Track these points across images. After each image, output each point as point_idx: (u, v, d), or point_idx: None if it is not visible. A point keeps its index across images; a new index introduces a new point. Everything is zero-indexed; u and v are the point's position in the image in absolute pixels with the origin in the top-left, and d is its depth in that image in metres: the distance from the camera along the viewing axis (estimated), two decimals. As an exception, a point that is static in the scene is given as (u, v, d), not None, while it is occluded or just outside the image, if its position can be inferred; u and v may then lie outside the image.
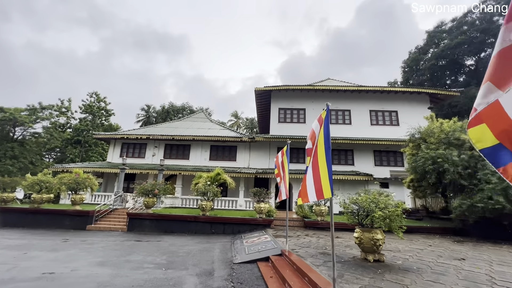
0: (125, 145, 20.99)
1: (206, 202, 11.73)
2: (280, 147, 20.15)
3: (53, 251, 7.13)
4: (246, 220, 11.39)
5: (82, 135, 35.00)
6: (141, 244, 8.58)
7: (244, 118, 54.21)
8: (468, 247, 8.12)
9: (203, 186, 12.06)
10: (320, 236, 9.16)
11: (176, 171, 17.77)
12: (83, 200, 12.71)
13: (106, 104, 38.75)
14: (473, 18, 28.70)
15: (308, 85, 20.51)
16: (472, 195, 9.86)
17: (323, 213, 11.43)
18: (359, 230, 5.55)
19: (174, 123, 25.00)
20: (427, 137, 12.75)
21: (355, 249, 6.81)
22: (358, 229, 5.56)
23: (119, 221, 12.46)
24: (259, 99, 22.14)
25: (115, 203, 14.09)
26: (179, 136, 19.74)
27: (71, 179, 12.19)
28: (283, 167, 6.97)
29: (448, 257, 6.30)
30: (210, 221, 11.48)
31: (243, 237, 9.69)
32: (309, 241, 7.97)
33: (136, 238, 9.75)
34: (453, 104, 25.93)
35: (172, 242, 8.96)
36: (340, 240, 8.38)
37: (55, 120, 35.25)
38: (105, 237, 9.66)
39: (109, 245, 8.17)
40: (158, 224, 11.60)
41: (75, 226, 11.70)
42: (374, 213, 5.14)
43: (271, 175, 17.55)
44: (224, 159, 20.32)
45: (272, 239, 8.26)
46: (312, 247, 6.93)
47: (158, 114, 50.07)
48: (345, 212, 6.00)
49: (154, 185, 12.17)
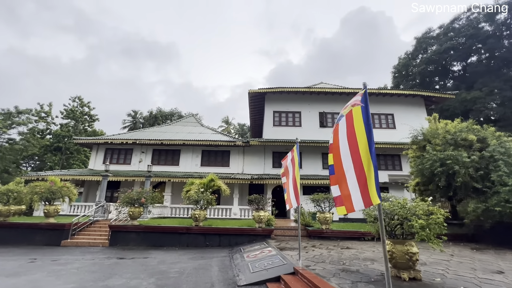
0: (109, 151, 19.46)
1: (199, 211, 10.57)
2: (276, 152, 19.29)
3: (13, 276, 5.80)
4: (244, 231, 10.30)
5: (63, 142, 32.84)
6: (124, 262, 7.33)
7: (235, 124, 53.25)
8: (492, 255, 7.39)
9: (196, 194, 10.92)
10: (329, 247, 8.21)
11: (165, 177, 16.47)
12: (58, 211, 11.23)
13: (90, 109, 36.82)
14: (460, 25, 29.36)
15: (304, 87, 19.89)
16: (487, 198, 9.26)
17: (328, 221, 10.52)
18: (389, 242, 4.65)
19: (163, 128, 23.69)
20: (431, 138, 12.21)
21: (377, 263, 5.90)
22: (389, 241, 4.66)
23: (100, 234, 11.05)
24: (253, 102, 21.31)
25: (96, 214, 12.64)
26: (168, 141, 18.47)
27: (43, 188, 10.73)
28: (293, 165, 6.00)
29: (484, 270, 5.50)
30: (204, 233, 10.31)
31: (242, 250, 8.59)
32: (321, 254, 7.00)
33: (119, 254, 8.45)
34: (444, 108, 26.05)
35: (162, 259, 7.75)
36: (353, 252, 7.46)
37: (34, 126, 32.98)
38: (82, 255, 8.30)
39: (86, 265, 6.87)
40: (145, 237, 10.30)
41: (48, 241, 10.20)
42: (412, 222, 4.26)
43: (267, 180, 16.57)
44: (217, 165, 19.18)
45: (277, 252, 7.24)
46: (327, 262, 5.96)
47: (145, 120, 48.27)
48: (369, 220, 5.11)
49: (140, 193, 10.91)
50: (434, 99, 20.63)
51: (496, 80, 24.33)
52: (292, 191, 5.82)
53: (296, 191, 5.68)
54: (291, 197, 5.84)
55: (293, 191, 5.78)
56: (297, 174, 5.77)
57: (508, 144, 10.19)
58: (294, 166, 5.99)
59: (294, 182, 5.82)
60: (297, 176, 5.76)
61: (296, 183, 5.72)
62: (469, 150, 10.60)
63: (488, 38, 25.47)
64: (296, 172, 5.80)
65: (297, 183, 5.71)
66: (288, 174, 6.36)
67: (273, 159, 19.23)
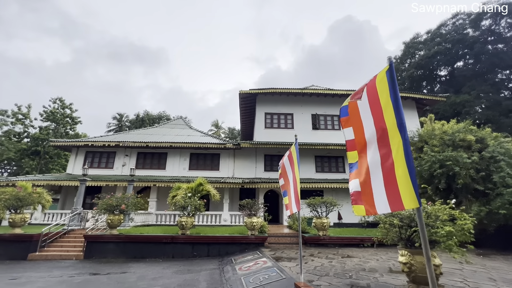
0: (89, 154, 18.16)
1: (186, 218, 9.66)
2: (268, 154, 18.60)
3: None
4: (236, 239, 9.47)
5: (41, 145, 30.91)
6: (97, 279, 6.35)
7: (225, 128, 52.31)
8: (502, 262, 6.92)
9: (183, 199, 10.01)
10: (329, 256, 7.52)
11: (150, 182, 15.40)
12: (26, 220, 10.02)
13: (72, 111, 34.99)
14: (447, 30, 29.99)
15: (297, 88, 19.41)
16: (490, 200, 8.88)
17: (325, 227, 9.85)
18: (406, 252, 4.01)
19: (148, 130, 22.57)
20: (428, 139, 11.88)
21: (387, 275, 5.24)
22: (406, 251, 4.02)
23: (74, 246, 9.91)
24: (244, 104, 20.62)
25: (72, 222, 11.46)
26: (154, 143, 17.42)
27: (8, 195, 9.53)
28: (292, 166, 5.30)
29: (503, 280, 4.96)
30: (191, 242, 9.40)
31: (234, 262, 7.77)
32: (322, 265, 6.29)
33: (93, 269, 7.43)
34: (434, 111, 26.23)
35: (142, 274, 6.81)
36: (356, 261, 6.79)
37: (10, 128, 30.91)
38: (48, 271, 7.23)
39: (49, 285, 5.85)
40: (125, 248, 9.27)
41: (13, 255, 8.98)
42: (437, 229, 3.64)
43: (259, 184, 15.81)
44: (206, 169, 18.25)
45: (273, 263, 6.47)
46: (332, 275, 5.25)
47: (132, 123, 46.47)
48: (382, 226, 4.46)
49: (120, 199, 9.90)
50: (425, 102, 20.62)
51: (483, 84, 24.78)
52: (293, 195, 5.11)
53: (296, 195, 4.97)
54: (292, 201, 5.12)
55: (293, 195, 5.07)
56: (297, 176, 5.07)
57: (506, 144, 9.95)
58: (293, 167, 5.29)
59: (295, 185, 5.11)
60: (297, 178, 5.07)
61: (297, 187, 5.01)
62: (468, 151, 10.28)
63: (474, 43, 26.02)
64: (296, 174, 5.10)
65: (297, 186, 5.01)
66: (287, 176, 5.65)
67: (264, 162, 18.52)
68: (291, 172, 5.43)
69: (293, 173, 5.23)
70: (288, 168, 5.60)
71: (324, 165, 18.61)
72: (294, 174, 5.18)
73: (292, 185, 5.24)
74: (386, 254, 7.90)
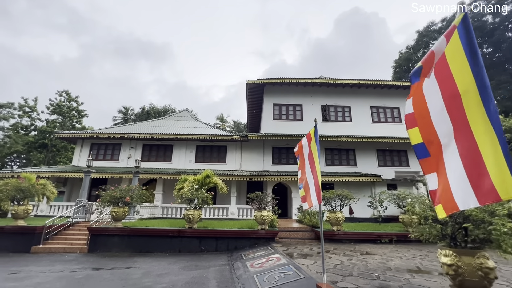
0: (95, 146, 17.89)
1: (193, 211, 9.23)
2: (276, 147, 18.02)
3: None
4: (245, 233, 9.01)
5: (48, 138, 30.95)
6: (100, 275, 5.96)
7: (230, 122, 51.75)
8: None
9: (189, 191, 9.57)
10: (347, 253, 6.99)
11: (156, 174, 15.05)
12: (29, 212, 9.74)
13: (78, 104, 34.92)
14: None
15: (306, 78, 18.64)
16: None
17: (339, 222, 9.30)
18: (451, 252, 3.42)
19: (154, 122, 22.17)
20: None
21: (418, 275, 4.68)
22: (450, 251, 3.44)
23: (78, 238, 9.63)
24: (251, 95, 19.99)
25: (76, 215, 11.18)
26: (160, 135, 17.01)
27: (10, 186, 9.23)
28: (310, 157, 4.74)
29: (554, 284, 4.35)
30: (198, 235, 8.99)
31: (244, 257, 7.31)
32: (341, 263, 5.77)
33: (97, 264, 7.07)
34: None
35: (147, 269, 6.41)
36: (378, 259, 6.24)
37: (17, 121, 30.99)
38: (50, 265, 6.90)
39: (48, 280, 5.48)
40: (130, 242, 8.91)
41: (16, 248, 8.73)
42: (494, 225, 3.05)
43: (267, 177, 15.29)
44: (212, 161, 17.81)
45: (287, 261, 5.98)
46: (356, 275, 4.72)
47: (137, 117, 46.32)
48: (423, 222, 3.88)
49: (125, 191, 9.52)
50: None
51: (503, 73, 23.53)
52: (313, 186, 4.54)
53: (317, 186, 4.41)
54: (311, 194, 4.56)
55: (314, 187, 4.50)
56: (318, 167, 4.51)
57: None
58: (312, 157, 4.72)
59: (314, 176, 4.55)
60: (317, 169, 4.50)
61: (317, 178, 4.45)
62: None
63: (494, 30, 24.65)
64: (317, 164, 4.54)
65: (318, 177, 4.45)
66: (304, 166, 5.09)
67: (273, 154, 17.97)
68: (309, 162, 4.87)
69: (313, 163, 4.66)
70: (306, 159, 5.04)
71: (334, 158, 17.96)
72: (314, 165, 4.61)
73: (312, 176, 4.67)
74: (408, 251, 7.33)
